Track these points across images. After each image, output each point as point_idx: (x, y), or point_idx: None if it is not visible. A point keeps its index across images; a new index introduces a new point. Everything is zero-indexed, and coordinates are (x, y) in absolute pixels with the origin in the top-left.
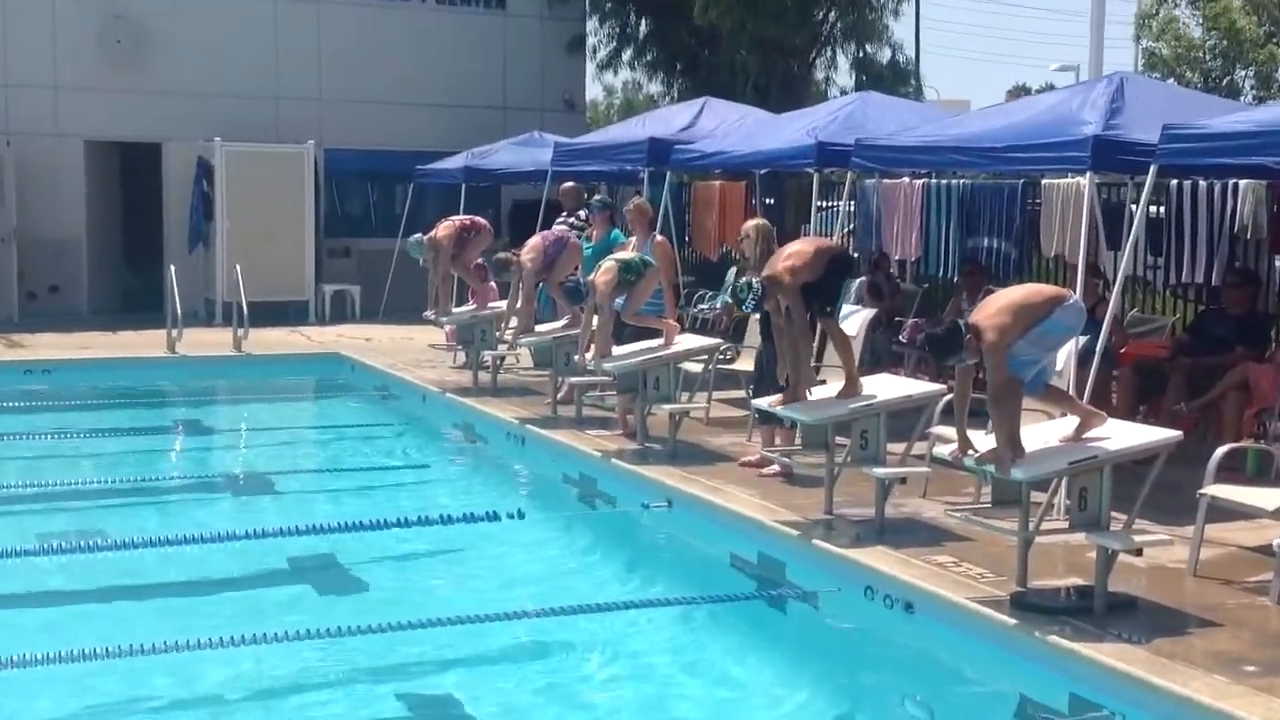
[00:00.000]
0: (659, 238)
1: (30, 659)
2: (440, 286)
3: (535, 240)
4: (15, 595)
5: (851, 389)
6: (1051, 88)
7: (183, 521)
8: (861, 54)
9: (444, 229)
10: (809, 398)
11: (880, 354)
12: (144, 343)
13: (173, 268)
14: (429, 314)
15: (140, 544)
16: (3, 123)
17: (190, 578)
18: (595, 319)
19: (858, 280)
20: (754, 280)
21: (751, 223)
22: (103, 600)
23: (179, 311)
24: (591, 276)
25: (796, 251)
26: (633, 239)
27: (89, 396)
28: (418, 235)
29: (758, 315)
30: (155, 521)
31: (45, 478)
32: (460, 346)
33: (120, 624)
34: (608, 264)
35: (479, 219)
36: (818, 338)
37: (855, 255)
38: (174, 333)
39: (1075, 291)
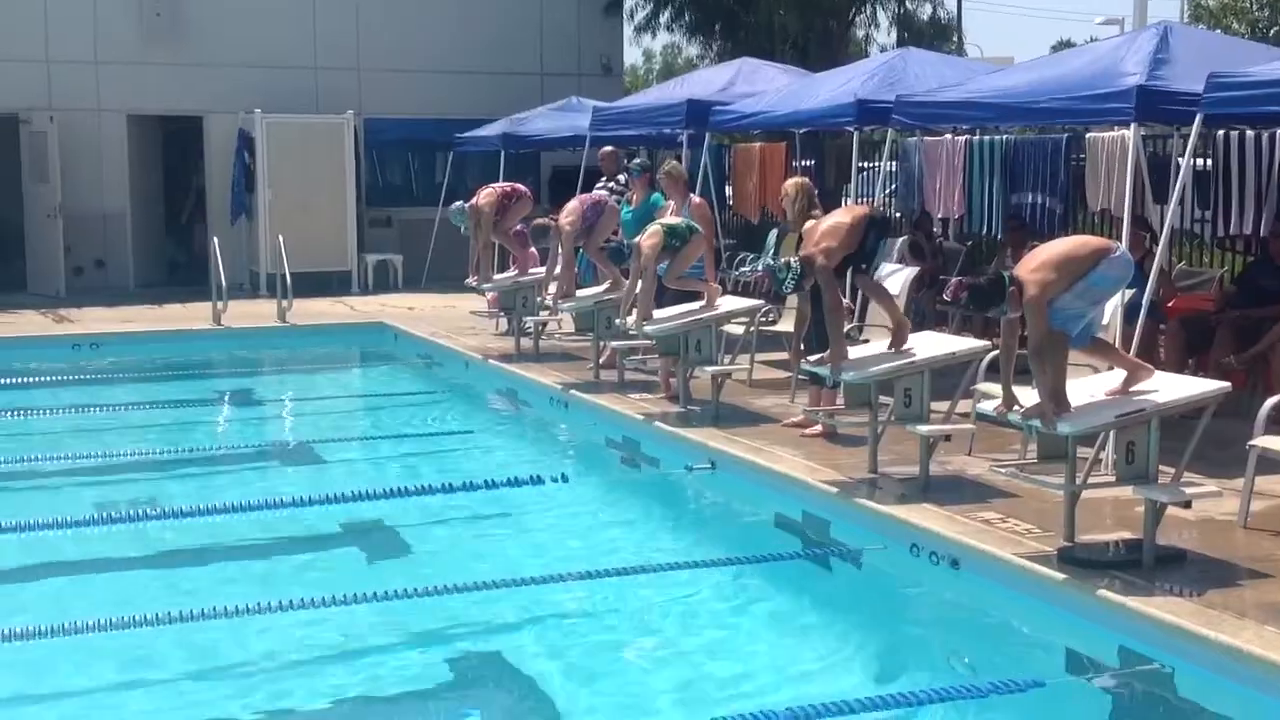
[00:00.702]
0: (697, 199)
1: (88, 625)
2: (482, 254)
3: (573, 204)
4: (72, 563)
5: (901, 337)
6: (1096, 41)
7: (231, 490)
8: (902, 10)
9: (485, 196)
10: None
11: (925, 314)
12: (190, 315)
13: (216, 240)
14: (471, 281)
15: (189, 512)
16: (46, 99)
17: (238, 544)
18: (639, 282)
19: (899, 240)
20: (792, 260)
21: (791, 181)
22: (154, 567)
23: (224, 284)
24: (637, 239)
25: (831, 228)
26: (671, 202)
27: (137, 369)
28: (459, 203)
29: None
30: (205, 490)
31: (98, 449)
32: (502, 313)
33: (172, 590)
34: (654, 228)
35: (520, 186)
36: (859, 298)
37: (898, 215)
38: (219, 305)
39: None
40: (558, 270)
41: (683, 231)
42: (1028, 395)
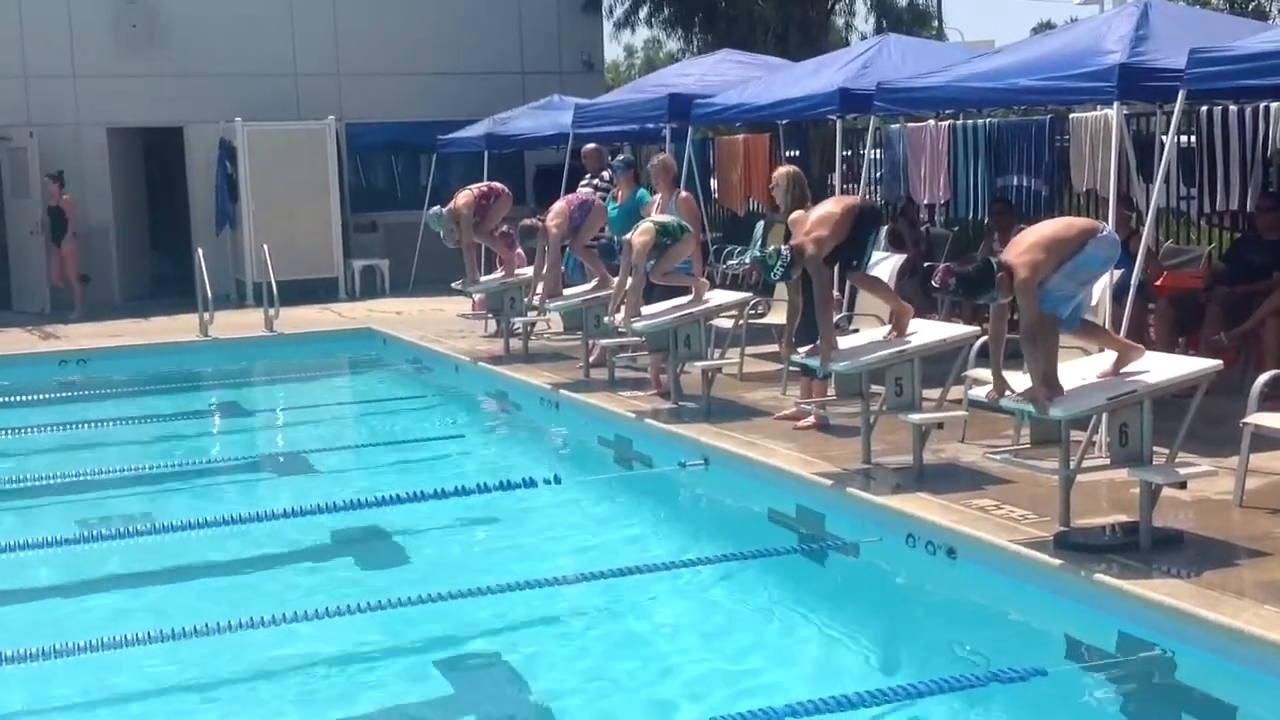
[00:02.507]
0: (684, 194)
1: (81, 645)
2: (467, 255)
3: (560, 205)
4: (62, 584)
5: (903, 324)
6: (1076, 22)
7: (224, 502)
8: None
9: (463, 198)
10: (839, 348)
11: (912, 302)
12: (177, 328)
13: (201, 251)
14: (457, 284)
15: (183, 526)
16: (24, 114)
17: (233, 557)
18: (628, 279)
19: (885, 227)
20: (781, 248)
21: (781, 170)
22: (147, 584)
23: (209, 294)
24: (628, 236)
25: (822, 217)
26: (658, 197)
27: (125, 384)
28: (436, 208)
29: None
30: (196, 504)
31: (87, 465)
32: (490, 315)
33: (166, 606)
34: (646, 225)
35: (497, 185)
36: (847, 290)
37: (883, 203)
38: (206, 316)
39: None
40: (544, 270)
41: (674, 230)
42: (1019, 380)
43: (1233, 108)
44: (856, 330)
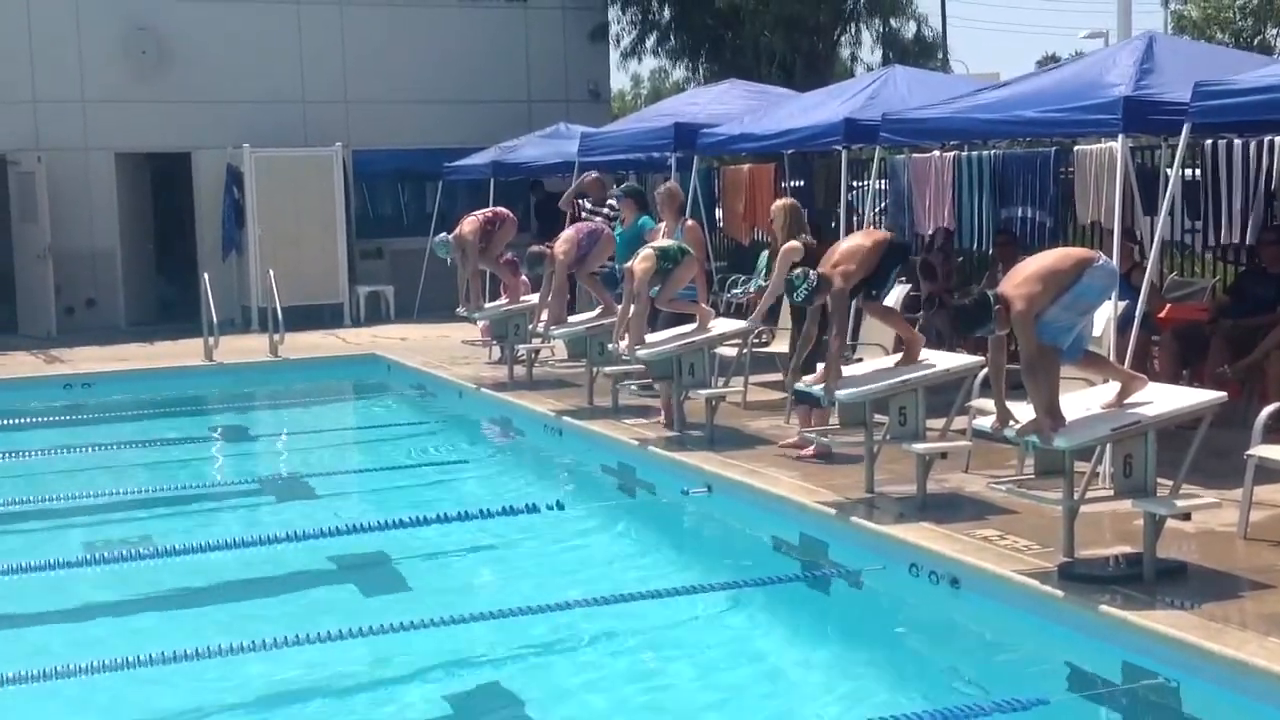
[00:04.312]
0: (689, 222)
1: (79, 668)
2: (471, 282)
3: (569, 232)
4: (65, 604)
5: (913, 353)
6: (1081, 56)
7: (227, 527)
8: (886, 29)
9: (468, 224)
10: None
11: (943, 334)
12: (182, 352)
13: (206, 276)
14: (462, 310)
15: (183, 550)
16: (33, 139)
17: (236, 581)
18: (631, 307)
19: (917, 259)
20: (810, 271)
21: (778, 203)
22: (150, 608)
23: (215, 319)
24: (629, 264)
25: (850, 250)
26: (663, 224)
27: (130, 408)
28: (443, 235)
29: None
30: (200, 528)
31: (92, 489)
32: (495, 341)
33: (169, 630)
34: (646, 251)
35: (502, 210)
36: (852, 317)
37: (912, 235)
38: (211, 341)
39: (1111, 257)
40: (549, 298)
41: (674, 254)
42: (1023, 411)
43: (1237, 141)
44: (860, 359)
